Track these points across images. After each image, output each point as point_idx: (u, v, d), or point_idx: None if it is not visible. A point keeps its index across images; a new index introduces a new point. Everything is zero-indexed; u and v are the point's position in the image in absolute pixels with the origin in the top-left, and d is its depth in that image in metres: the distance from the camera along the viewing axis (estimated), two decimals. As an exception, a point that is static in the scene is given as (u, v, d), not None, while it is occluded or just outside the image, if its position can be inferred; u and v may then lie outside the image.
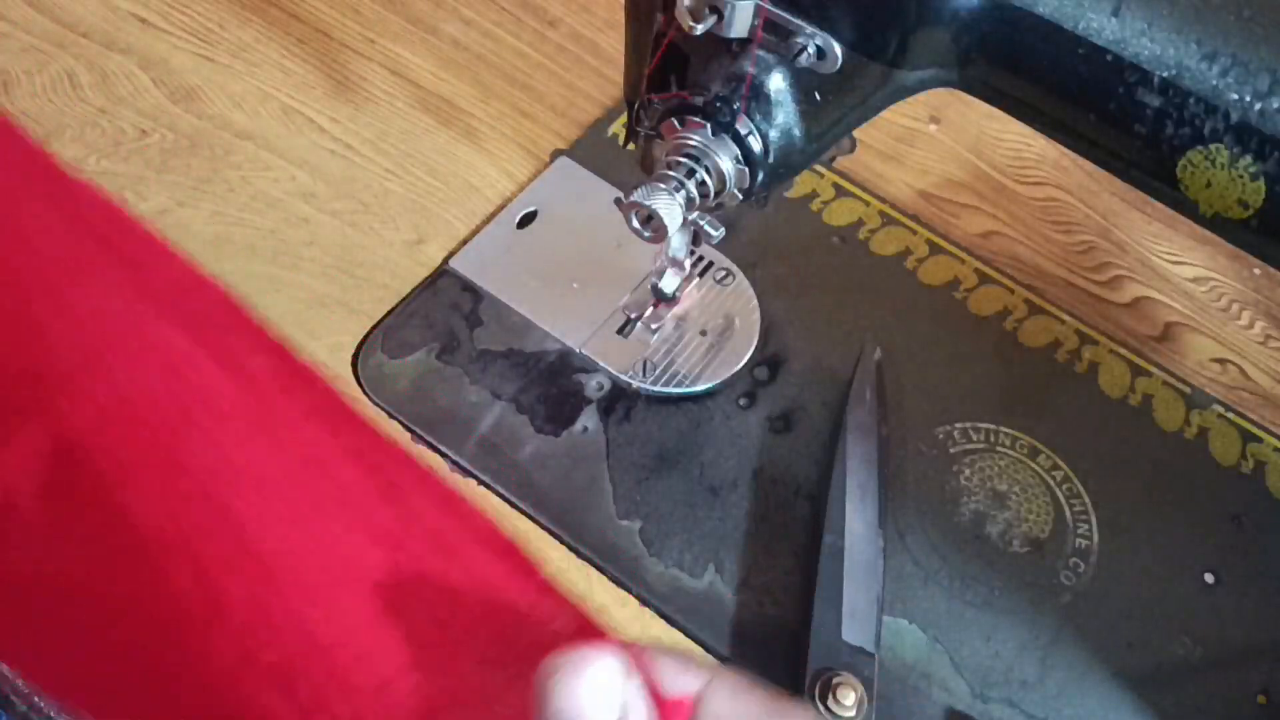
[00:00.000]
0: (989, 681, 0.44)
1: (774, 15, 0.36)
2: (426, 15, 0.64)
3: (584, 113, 0.60)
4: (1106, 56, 0.32)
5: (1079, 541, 0.48)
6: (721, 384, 0.50)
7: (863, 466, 0.48)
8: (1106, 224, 0.60)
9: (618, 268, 0.53)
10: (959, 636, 0.45)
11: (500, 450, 0.48)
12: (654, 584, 0.45)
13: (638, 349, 0.51)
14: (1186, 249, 0.59)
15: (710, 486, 0.48)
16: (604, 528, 0.46)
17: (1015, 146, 0.62)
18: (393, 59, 0.61)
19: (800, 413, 0.50)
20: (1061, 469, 0.49)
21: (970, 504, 0.48)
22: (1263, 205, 0.31)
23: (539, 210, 0.55)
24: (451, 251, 0.54)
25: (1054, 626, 0.46)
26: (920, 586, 0.46)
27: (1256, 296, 0.58)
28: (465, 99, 0.60)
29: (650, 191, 0.40)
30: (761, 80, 0.38)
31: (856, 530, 0.46)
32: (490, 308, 0.52)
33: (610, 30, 0.64)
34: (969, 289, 0.55)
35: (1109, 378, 0.53)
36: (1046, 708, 0.44)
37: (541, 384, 0.50)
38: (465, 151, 0.58)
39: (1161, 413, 0.52)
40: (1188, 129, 0.31)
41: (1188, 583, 0.47)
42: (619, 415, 0.49)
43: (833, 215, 0.57)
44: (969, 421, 0.51)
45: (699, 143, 0.40)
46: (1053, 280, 0.57)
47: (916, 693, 0.44)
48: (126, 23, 0.60)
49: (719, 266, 0.54)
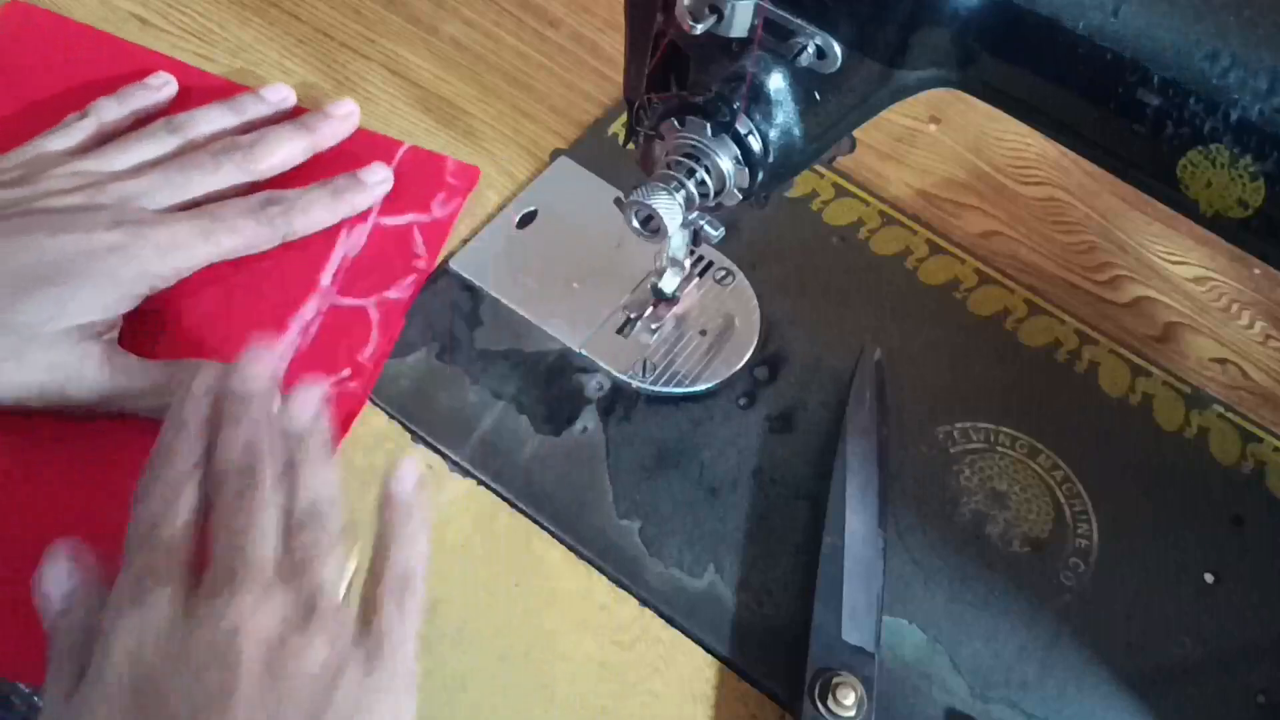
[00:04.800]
0: (989, 681, 0.44)
1: (774, 15, 0.36)
2: (426, 15, 0.64)
3: (584, 113, 0.60)
4: (1106, 56, 0.32)
5: (1079, 541, 0.48)
6: (721, 384, 0.50)
7: (863, 466, 0.48)
8: (1106, 224, 0.60)
9: (618, 268, 0.53)
10: (959, 636, 0.45)
11: (500, 450, 0.48)
12: (654, 584, 0.45)
13: (638, 349, 0.51)
14: (1186, 249, 0.59)
15: (710, 486, 0.48)
16: (604, 528, 0.46)
17: (1015, 146, 0.62)
18: (393, 59, 0.61)
19: (800, 413, 0.50)
20: (1061, 469, 0.49)
21: (970, 504, 0.48)
22: (1263, 205, 0.31)
23: (539, 210, 0.55)
24: (451, 251, 0.54)
25: (1054, 627, 0.46)
26: (920, 586, 0.46)
27: (1256, 296, 0.58)
28: (465, 99, 0.60)
29: (650, 191, 0.40)
30: (761, 80, 0.38)
31: (856, 530, 0.46)
32: (490, 308, 0.52)
33: (610, 30, 0.64)
34: (969, 289, 0.55)
35: (1109, 378, 0.53)
36: (1046, 708, 0.44)
37: (541, 384, 0.50)
38: (465, 151, 0.58)
39: (1161, 413, 0.52)
40: (1188, 129, 0.31)
41: (1188, 583, 0.47)
42: (619, 415, 0.49)
43: (833, 215, 0.57)
44: (969, 421, 0.51)
45: (699, 142, 0.40)
46: (1053, 280, 0.57)
47: (916, 693, 0.44)
48: (126, 23, 0.60)
49: (719, 266, 0.54)
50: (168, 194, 0.48)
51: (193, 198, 0.49)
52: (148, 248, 0.46)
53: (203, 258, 0.48)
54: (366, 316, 0.50)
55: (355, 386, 0.48)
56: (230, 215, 0.49)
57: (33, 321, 0.43)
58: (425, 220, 0.54)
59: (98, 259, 0.44)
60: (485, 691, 0.43)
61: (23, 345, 0.43)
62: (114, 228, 0.45)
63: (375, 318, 0.50)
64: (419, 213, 0.54)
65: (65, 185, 0.47)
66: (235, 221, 0.49)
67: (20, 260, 0.43)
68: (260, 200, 0.50)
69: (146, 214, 0.47)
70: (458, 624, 0.44)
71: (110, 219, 0.46)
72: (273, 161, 0.52)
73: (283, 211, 0.50)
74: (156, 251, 0.46)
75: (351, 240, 0.52)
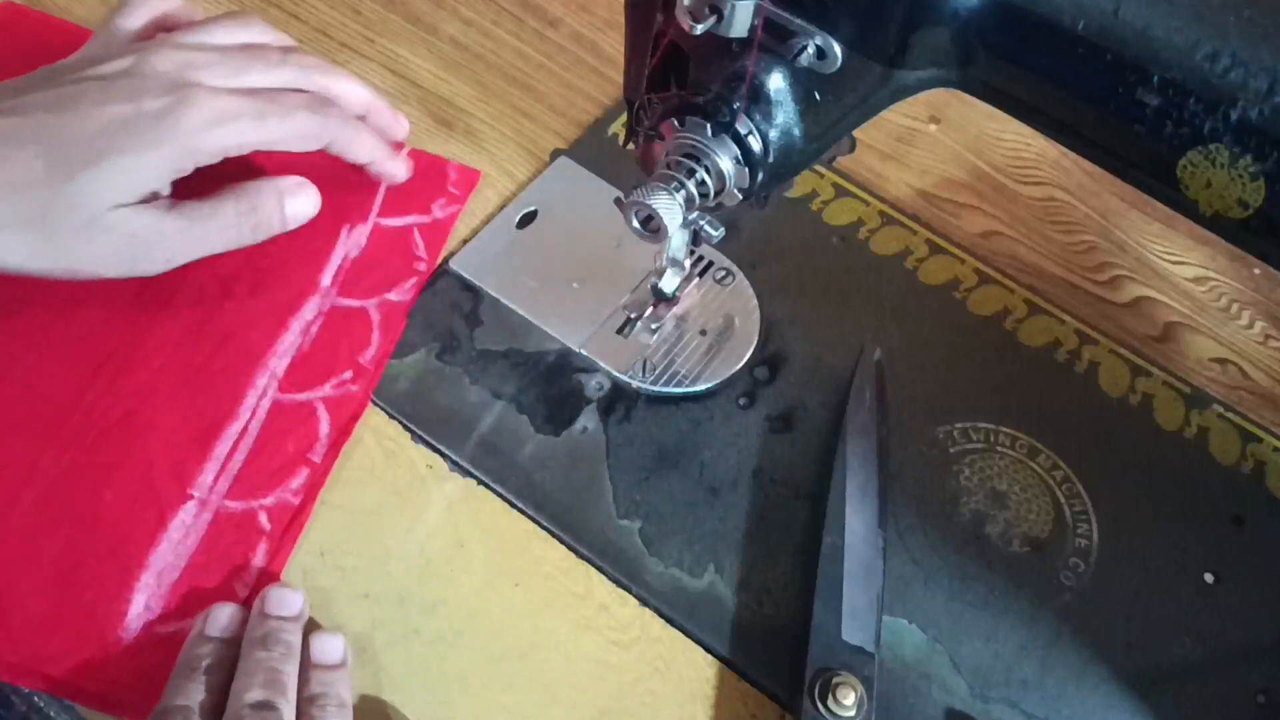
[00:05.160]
0: (989, 681, 0.44)
1: (774, 15, 0.36)
2: (426, 15, 0.64)
3: (584, 113, 0.60)
4: (1106, 56, 0.32)
5: (1079, 541, 0.48)
6: (721, 384, 0.50)
7: (863, 466, 0.48)
8: (1106, 224, 0.60)
9: (618, 268, 0.53)
10: (959, 636, 0.45)
11: (500, 450, 0.48)
12: (654, 584, 0.45)
13: (638, 349, 0.51)
14: (1186, 249, 0.59)
15: (710, 486, 0.48)
16: (604, 528, 0.46)
17: (1015, 146, 0.62)
18: (393, 59, 0.61)
19: (800, 413, 0.50)
20: (1061, 469, 0.49)
21: (970, 504, 0.48)
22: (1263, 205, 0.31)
23: (539, 210, 0.55)
24: (451, 251, 0.54)
25: (1054, 626, 0.46)
26: (920, 586, 0.46)
27: (1256, 296, 0.58)
28: (465, 99, 0.60)
29: (650, 191, 0.40)
30: (761, 80, 0.38)
31: (856, 530, 0.46)
32: (490, 307, 0.52)
33: (610, 30, 0.64)
34: (969, 289, 0.55)
35: (1109, 377, 0.53)
36: (1046, 708, 0.44)
37: (541, 384, 0.50)
38: (465, 151, 0.58)
39: (1161, 413, 0.52)
40: (1188, 129, 0.31)
41: (1188, 583, 0.47)
42: (619, 415, 0.49)
43: (833, 215, 0.57)
44: (969, 421, 0.51)
45: (699, 142, 0.40)
46: (1053, 280, 0.57)
47: (916, 693, 0.44)
48: (126, 23, 0.60)
49: (719, 266, 0.54)
50: (223, 73, 0.46)
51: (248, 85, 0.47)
52: (196, 117, 0.44)
53: (252, 139, 0.45)
54: (367, 318, 0.50)
55: (356, 389, 0.48)
56: (287, 101, 0.47)
57: (91, 194, 0.42)
58: (425, 222, 0.54)
59: (145, 125, 0.43)
60: (485, 691, 0.43)
61: (86, 218, 0.42)
62: (162, 94, 0.43)
63: (376, 319, 0.50)
64: (419, 214, 0.54)
65: (119, 53, 0.46)
66: (291, 108, 0.46)
67: (69, 133, 0.42)
68: (318, 99, 0.48)
69: (201, 86, 0.45)
70: (458, 624, 0.44)
71: (160, 85, 0.44)
72: (337, 90, 0.50)
73: (338, 116, 0.48)
74: (205, 122, 0.44)
75: (352, 241, 0.52)
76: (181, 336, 0.48)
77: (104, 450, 0.45)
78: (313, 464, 0.46)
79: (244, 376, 0.47)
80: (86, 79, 0.44)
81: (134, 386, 0.47)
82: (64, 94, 0.43)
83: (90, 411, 0.46)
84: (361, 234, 0.52)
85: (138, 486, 0.44)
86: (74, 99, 0.43)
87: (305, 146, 0.48)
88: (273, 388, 0.47)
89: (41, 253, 0.42)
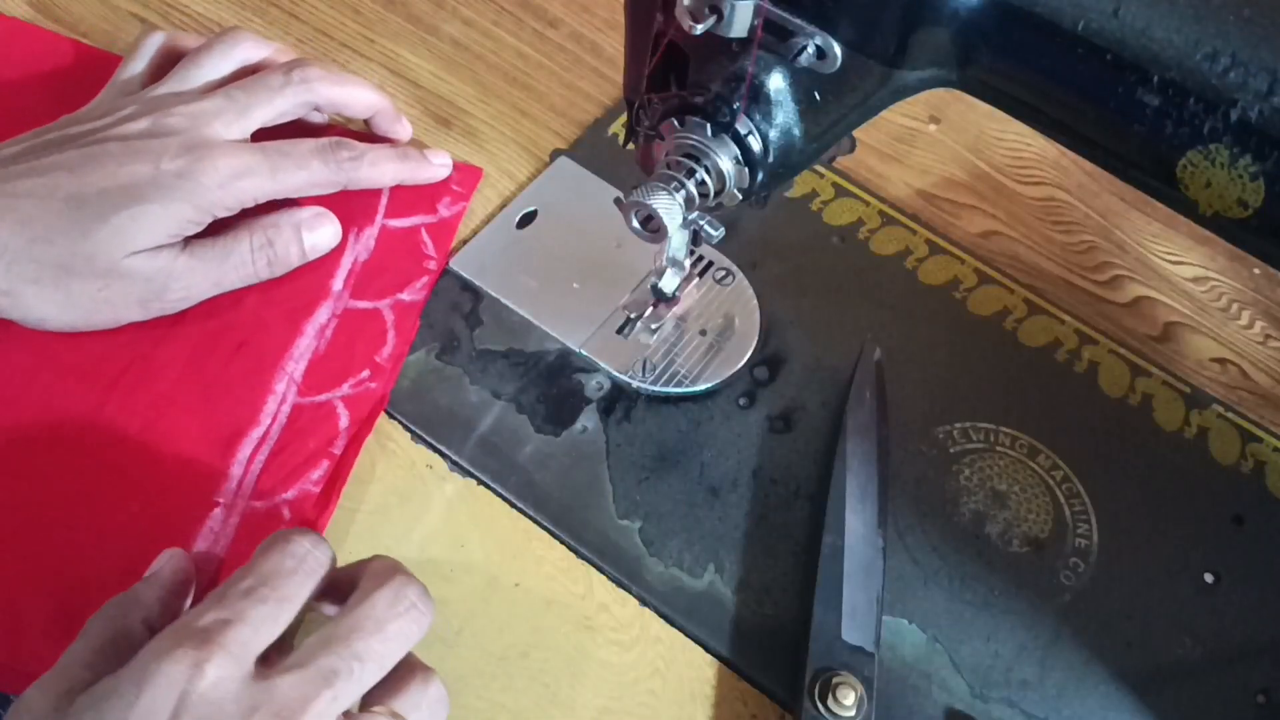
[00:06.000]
0: (989, 681, 0.44)
1: (774, 15, 0.36)
2: (426, 15, 0.64)
3: (584, 113, 0.60)
4: (1106, 56, 0.32)
5: (1079, 541, 0.48)
6: (721, 384, 0.50)
7: (863, 466, 0.48)
8: (1106, 224, 0.60)
9: (618, 268, 0.53)
10: (959, 636, 0.45)
11: (500, 450, 0.48)
12: (654, 584, 0.45)
13: (638, 349, 0.51)
14: (1186, 249, 0.59)
15: (710, 486, 0.48)
16: (604, 528, 0.46)
17: (1015, 146, 0.62)
18: (393, 59, 0.61)
19: (800, 413, 0.50)
20: (1061, 469, 0.49)
21: (970, 504, 0.48)
22: (1263, 205, 0.31)
23: (539, 210, 0.55)
24: (451, 251, 0.54)
25: (1054, 626, 0.46)
26: (920, 586, 0.46)
27: (1256, 296, 0.58)
28: (465, 99, 0.60)
29: (650, 191, 0.40)
30: (761, 80, 0.38)
31: (856, 530, 0.46)
32: (490, 307, 0.52)
33: (610, 30, 0.64)
34: (969, 289, 0.55)
35: (1109, 377, 0.53)
36: (1046, 708, 0.44)
37: (541, 384, 0.50)
38: (465, 151, 0.58)
39: (1161, 413, 0.52)
40: (1188, 129, 0.31)
41: (1188, 583, 0.47)
42: (619, 415, 0.49)
43: (833, 215, 0.57)
44: (969, 421, 0.51)
45: (699, 143, 0.40)
46: (1053, 280, 0.57)
47: (916, 692, 0.44)
48: (127, 23, 0.60)
49: (719, 266, 0.54)
50: (233, 116, 0.48)
51: (260, 124, 0.50)
52: (214, 175, 0.46)
53: (268, 190, 0.48)
54: (381, 319, 0.50)
55: (375, 387, 0.48)
56: (299, 152, 0.49)
57: (109, 246, 0.45)
58: (432, 221, 0.54)
59: (165, 185, 0.45)
60: (485, 691, 0.43)
61: (104, 267, 0.45)
62: (180, 153, 0.46)
63: (390, 319, 0.50)
64: (426, 214, 0.54)
65: (134, 111, 0.48)
66: (303, 159, 0.49)
67: (91, 192, 0.45)
68: (331, 143, 0.51)
69: (216, 142, 0.47)
70: (458, 624, 0.44)
71: (178, 144, 0.46)
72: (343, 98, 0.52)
73: (352, 158, 0.51)
74: (222, 179, 0.46)
75: (360, 244, 0.52)
76: (196, 347, 0.48)
77: (127, 464, 0.45)
78: (333, 456, 0.46)
79: (262, 382, 0.47)
80: (109, 139, 0.46)
81: (152, 399, 0.46)
82: (86, 154, 0.46)
83: (110, 425, 0.46)
84: (369, 237, 0.52)
85: (164, 497, 0.44)
86: (97, 159, 0.45)
87: (321, 192, 0.51)
88: (292, 392, 0.47)
89: (66, 305, 0.45)
